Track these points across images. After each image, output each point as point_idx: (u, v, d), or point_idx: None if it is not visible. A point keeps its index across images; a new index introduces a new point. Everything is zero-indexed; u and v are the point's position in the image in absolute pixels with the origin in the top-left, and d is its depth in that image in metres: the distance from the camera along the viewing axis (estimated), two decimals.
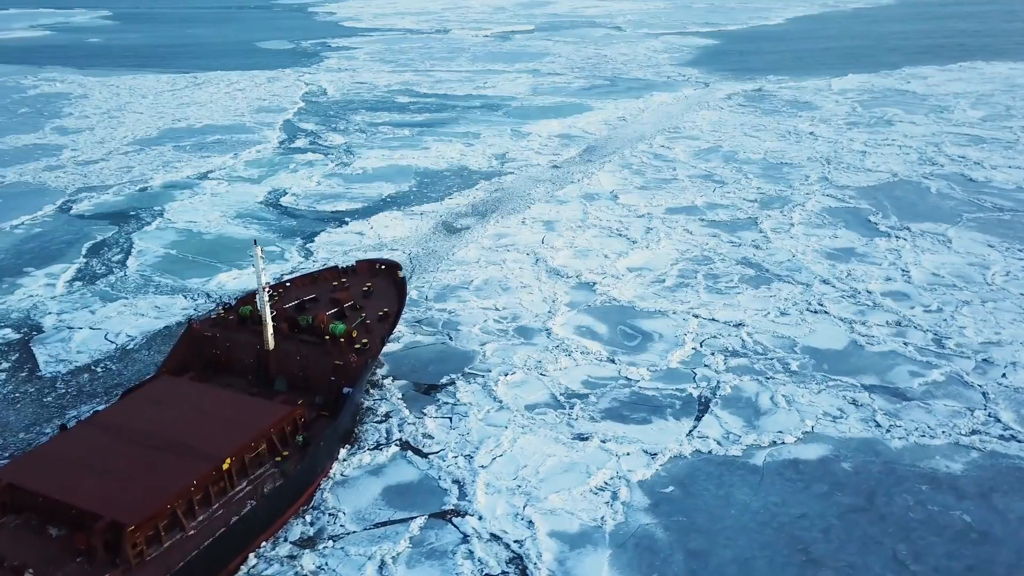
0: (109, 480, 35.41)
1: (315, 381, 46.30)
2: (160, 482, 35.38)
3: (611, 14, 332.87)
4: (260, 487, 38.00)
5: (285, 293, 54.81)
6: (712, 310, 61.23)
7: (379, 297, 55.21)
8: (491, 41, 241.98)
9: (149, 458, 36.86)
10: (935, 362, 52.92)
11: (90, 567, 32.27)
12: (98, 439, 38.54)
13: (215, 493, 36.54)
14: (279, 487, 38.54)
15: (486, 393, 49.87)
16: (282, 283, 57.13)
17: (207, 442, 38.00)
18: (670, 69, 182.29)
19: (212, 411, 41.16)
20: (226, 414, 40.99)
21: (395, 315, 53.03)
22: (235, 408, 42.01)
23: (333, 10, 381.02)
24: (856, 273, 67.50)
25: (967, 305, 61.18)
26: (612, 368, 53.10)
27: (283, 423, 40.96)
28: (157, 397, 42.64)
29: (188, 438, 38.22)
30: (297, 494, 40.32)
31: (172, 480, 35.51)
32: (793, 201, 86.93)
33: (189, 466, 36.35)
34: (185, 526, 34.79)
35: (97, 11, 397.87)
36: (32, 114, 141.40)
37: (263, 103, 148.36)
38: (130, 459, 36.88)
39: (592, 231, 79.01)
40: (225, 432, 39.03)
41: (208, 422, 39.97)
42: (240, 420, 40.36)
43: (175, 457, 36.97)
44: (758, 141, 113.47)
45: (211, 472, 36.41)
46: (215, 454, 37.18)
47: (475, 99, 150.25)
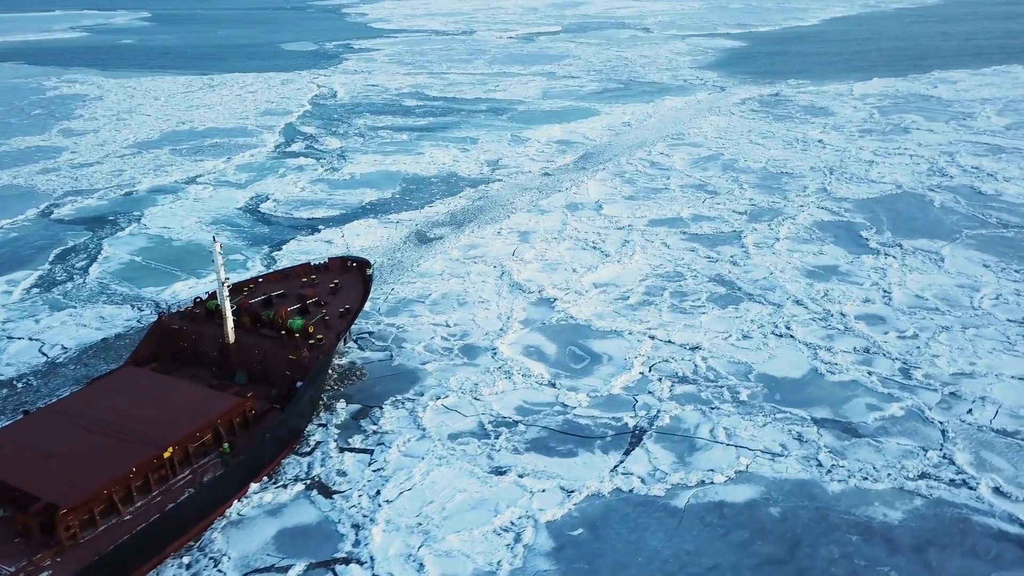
0: (53, 464, 36.83)
1: (272, 374, 47.44)
2: (100, 468, 36.44)
3: (642, 15, 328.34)
4: (201, 476, 38.71)
5: (256, 288, 56.37)
6: (671, 331, 58.10)
7: (345, 294, 56.31)
8: (513, 43, 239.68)
9: (95, 444, 38.34)
10: (897, 395, 49.17)
11: (27, 547, 33.50)
12: (53, 425, 40.23)
13: (155, 480, 37.55)
14: (219, 476, 39.12)
15: (412, 420, 47.54)
16: (255, 278, 58.19)
17: (153, 431, 39.24)
18: (689, 72, 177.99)
19: (165, 401, 42.48)
20: (177, 404, 42.32)
21: (354, 313, 53.60)
22: (187, 399, 43.19)
23: (366, 11, 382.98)
24: (833, 293, 63.68)
25: (945, 331, 57.10)
26: (550, 393, 50.40)
27: (231, 415, 42.08)
28: (117, 386, 44.14)
29: (136, 426, 39.52)
30: (239, 484, 40.84)
31: (112, 466, 36.56)
32: (784, 214, 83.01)
33: (131, 453, 37.49)
34: (121, 511, 35.75)
35: (138, 13, 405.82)
36: (44, 115, 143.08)
37: (271, 106, 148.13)
38: (77, 445, 38.26)
39: (567, 243, 76.22)
40: (172, 421, 40.30)
41: (158, 411, 41.22)
42: (189, 410, 41.69)
43: (120, 444, 38.32)
44: (762, 149, 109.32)
45: (152, 460, 37.46)
46: (158, 442, 38.34)
47: (483, 102, 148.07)
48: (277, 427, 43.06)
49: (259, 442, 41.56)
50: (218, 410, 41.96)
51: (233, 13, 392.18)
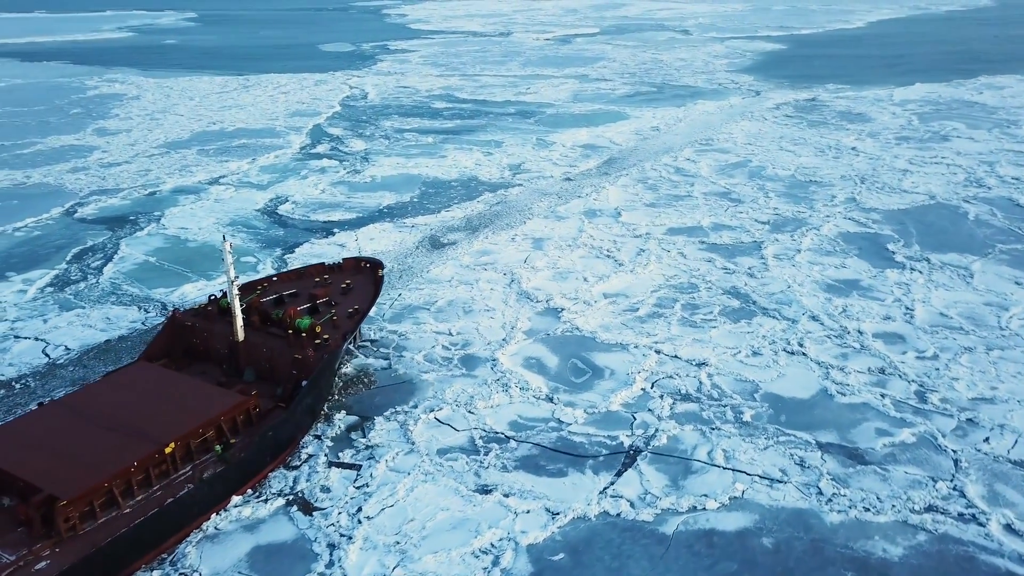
0: (57, 456, 37.70)
1: (279, 373, 47.73)
2: (102, 461, 37.14)
3: (682, 17, 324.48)
4: (201, 472, 39.15)
5: (269, 287, 57.01)
6: (678, 345, 56.30)
7: (355, 295, 56.54)
8: (549, 45, 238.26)
9: (100, 438, 39.13)
10: (910, 419, 46.83)
11: (28, 537, 34.36)
12: (63, 417, 41.12)
13: (156, 475, 38.16)
14: (219, 473, 39.52)
15: (403, 433, 46.53)
16: (268, 277, 58.82)
17: (157, 426, 39.91)
18: (724, 76, 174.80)
19: (170, 397, 43.13)
20: (182, 400, 42.88)
21: (361, 314, 53.69)
22: (192, 395, 43.69)
23: (406, 12, 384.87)
24: (852, 309, 61.23)
25: (968, 352, 54.41)
26: (547, 408, 49.04)
27: (235, 412, 42.48)
28: (127, 381, 45.13)
29: (141, 421, 40.30)
30: (239, 482, 41.20)
31: (114, 460, 37.21)
32: (808, 224, 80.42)
33: (133, 448, 38.16)
34: (121, 505, 36.37)
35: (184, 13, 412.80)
36: (81, 115, 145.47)
37: (301, 106, 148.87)
38: (83, 438, 39.17)
39: (580, 251, 74.72)
40: (176, 417, 40.91)
41: (163, 407, 41.88)
42: (193, 407, 42.16)
43: (123, 438, 39.04)
44: (792, 156, 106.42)
45: (153, 455, 38.07)
46: (160, 438, 38.95)
47: (511, 105, 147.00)
48: (279, 425, 43.40)
49: (260, 440, 41.96)
50: (221, 407, 42.39)
51: (277, 14, 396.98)
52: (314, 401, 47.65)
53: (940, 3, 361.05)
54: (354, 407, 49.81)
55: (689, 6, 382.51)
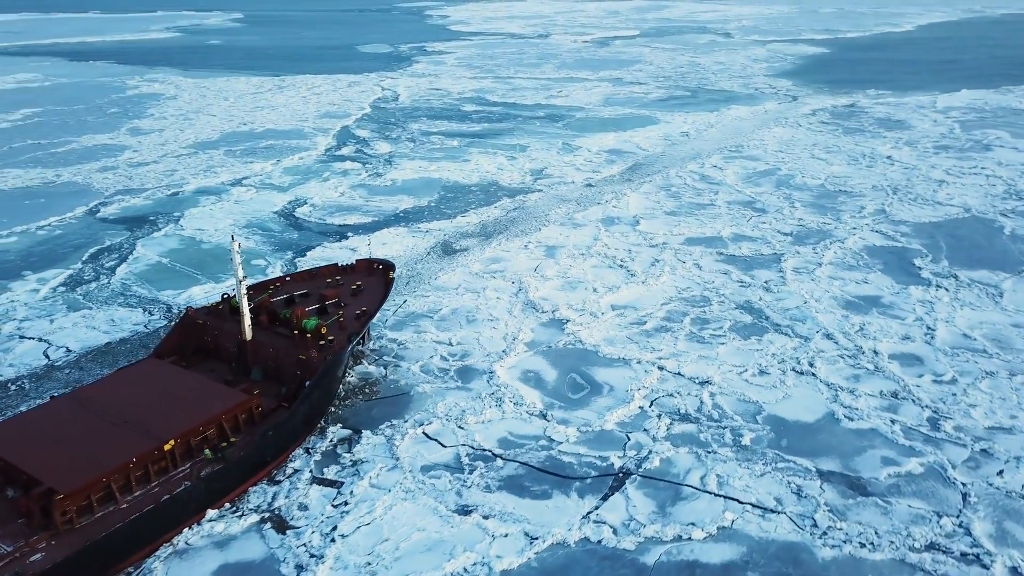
0: (60, 450, 38.38)
1: (284, 373, 47.99)
2: (101, 456, 37.71)
3: (726, 19, 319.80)
4: (199, 470, 39.36)
5: (282, 287, 57.54)
6: (682, 362, 54.40)
7: (365, 296, 56.69)
8: (586, 47, 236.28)
9: (103, 433, 39.76)
10: (919, 448, 44.37)
11: (27, 528, 35.06)
12: (71, 411, 41.90)
13: (155, 472, 38.56)
14: (217, 471, 39.71)
15: (388, 448, 45.47)
16: (282, 277, 59.45)
17: (159, 423, 40.44)
18: (762, 80, 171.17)
19: (175, 394, 43.68)
20: (186, 398, 43.34)
21: (368, 316, 53.64)
22: (196, 393, 44.09)
23: (448, 13, 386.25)
24: (869, 328, 58.63)
25: (989, 378, 51.57)
26: (539, 425, 47.61)
27: (237, 411, 42.78)
28: (136, 377, 45.87)
29: (144, 417, 40.88)
30: (238, 480, 41.41)
31: (113, 455, 37.74)
32: (833, 236, 77.63)
33: (133, 443, 38.68)
34: (119, 500, 36.84)
35: (231, 14, 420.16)
36: (118, 114, 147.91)
37: (332, 108, 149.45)
38: (87, 432, 39.78)
39: (593, 260, 73.09)
40: (178, 415, 41.35)
41: (167, 404, 42.43)
42: (195, 405, 42.55)
43: (125, 434, 39.60)
44: (823, 164, 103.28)
45: (152, 451, 38.52)
46: (161, 435, 39.41)
47: (541, 108, 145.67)
48: (280, 425, 43.37)
49: (260, 439, 42.03)
50: (223, 406, 42.63)
51: (320, 15, 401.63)
52: (318, 402, 47.70)
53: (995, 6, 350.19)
54: (349, 419, 48.86)
55: (734, 8, 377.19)
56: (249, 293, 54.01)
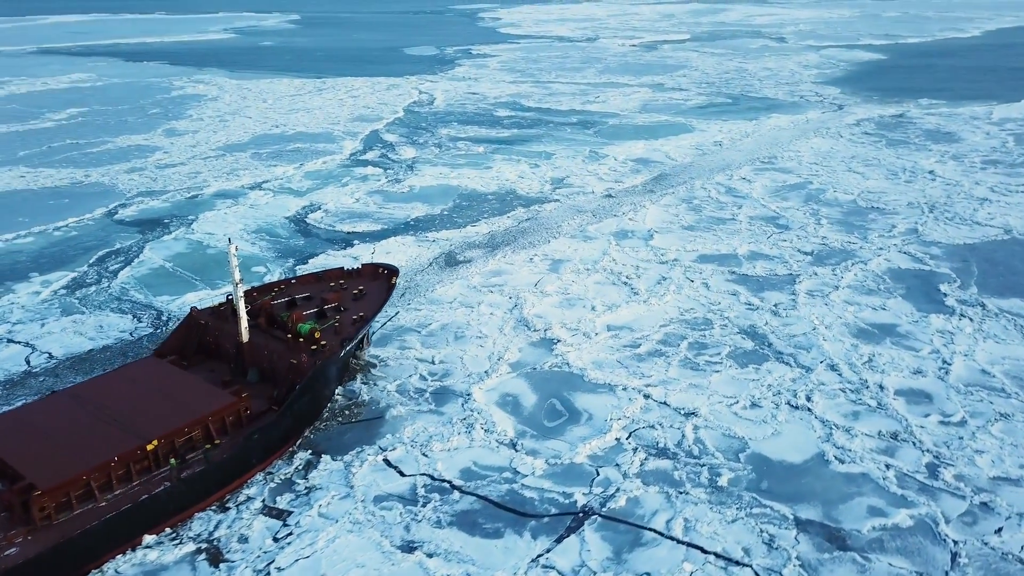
0: (46, 446, 38.88)
1: (278, 376, 47.95)
2: (84, 453, 38.09)
3: (782, 23, 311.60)
4: (180, 471, 39.38)
5: (286, 289, 57.88)
6: (670, 390, 51.44)
7: (365, 302, 56.77)
8: (632, 51, 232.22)
9: (90, 430, 40.20)
10: (912, 498, 40.71)
11: (8, 522, 35.64)
12: (65, 407, 42.53)
13: (137, 471, 38.75)
14: (198, 474, 39.90)
15: (345, 475, 43.66)
16: (287, 279, 60.18)
17: (145, 422, 40.70)
18: (809, 87, 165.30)
19: (165, 394, 43.89)
20: (175, 398, 43.50)
21: (363, 321, 53.28)
22: (187, 393, 44.19)
23: (500, 16, 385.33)
24: (879, 360, 54.69)
25: (1003, 420, 47.38)
26: (506, 455, 45.28)
27: (224, 413, 42.82)
28: (133, 375, 46.54)
29: (132, 416, 41.20)
30: (219, 483, 41.48)
31: (95, 453, 38.02)
32: (856, 257, 73.34)
33: (117, 442, 38.97)
34: (98, 498, 37.11)
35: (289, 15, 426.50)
36: (158, 115, 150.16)
37: (366, 111, 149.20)
38: (75, 429, 40.26)
39: (597, 276, 70.38)
40: (165, 415, 41.56)
41: (156, 403, 42.69)
42: (183, 405, 42.74)
43: (110, 432, 39.95)
44: (859, 179, 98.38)
45: (135, 450, 38.70)
46: (146, 434, 39.63)
47: (575, 114, 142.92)
48: (266, 429, 43.40)
49: (244, 442, 41.95)
50: (211, 407, 42.59)
51: (375, 16, 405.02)
52: (308, 406, 47.57)
53: None
54: (320, 443, 47.00)
55: (793, 11, 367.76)
56: (253, 295, 55.79)
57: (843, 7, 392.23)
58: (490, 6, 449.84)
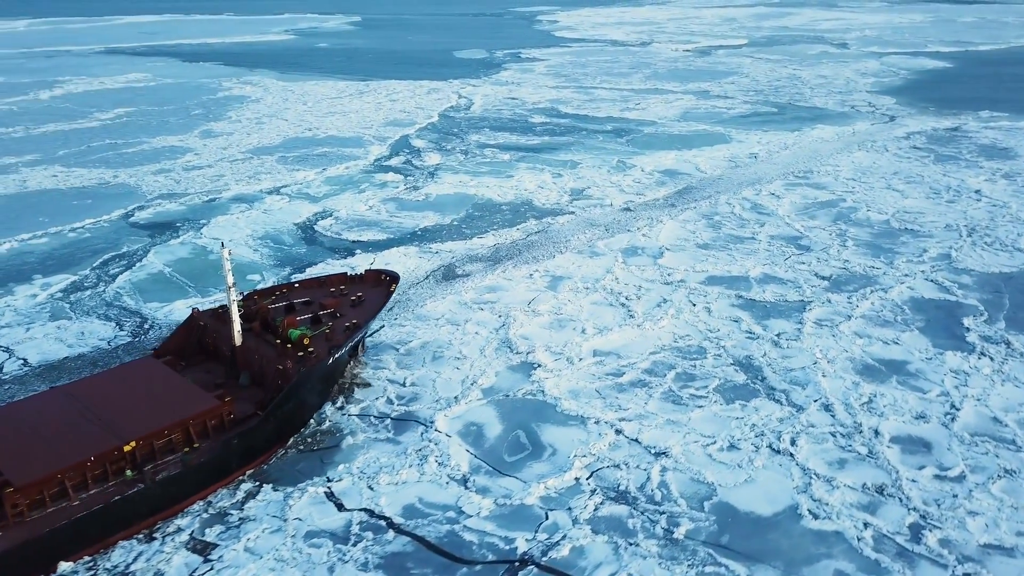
0: (29, 442, 39.10)
1: (267, 381, 47.60)
2: (62, 451, 38.28)
3: (847, 28, 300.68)
4: (155, 473, 39.30)
5: (287, 293, 57.83)
6: (644, 426, 48.15)
7: (361, 309, 55.78)
8: (684, 57, 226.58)
9: (73, 428, 40.27)
10: (887, 565, 36.73)
11: None
12: (56, 404, 42.82)
13: (113, 472, 38.76)
14: (173, 477, 39.78)
15: (281, 507, 41.71)
16: (290, 284, 60.34)
17: (127, 422, 40.75)
18: (862, 97, 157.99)
19: (151, 395, 43.83)
20: (160, 400, 43.32)
21: (354, 329, 52.41)
22: (173, 396, 43.97)
23: (558, 19, 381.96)
24: (880, 401, 50.30)
25: (1007, 477, 42.76)
26: (454, 492, 42.77)
27: (206, 417, 42.61)
28: (126, 375, 47.03)
29: (116, 416, 41.27)
30: (195, 487, 41.38)
31: (72, 452, 38.14)
32: (877, 284, 68.44)
33: (95, 441, 39.04)
34: (71, 496, 37.21)
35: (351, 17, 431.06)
36: (199, 116, 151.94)
37: (402, 116, 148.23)
38: (60, 426, 40.42)
39: (595, 295, 67.23)
40: (147, 416, 41.45)
41: (141, 404, 42.59)
42: (166, 407, 42.53)
43: (91, 431, 40.03)
44: (897, 197, 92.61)
45: (112, 451, 38.74)
46: (123, 434, 39.68)
47: (611, 122, 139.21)
48: (246, 434, 43.57)
49: (223, 447, 41.84)
50: (193, 411, 42.45)
51: (434, 19, 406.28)
52: (292, 412, 47.24)
53: None
54: (270, 472, 45.19)
55: (861, 16, 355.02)
56: (255, 298, 55.87)
57: (916, 12, 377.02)
58: (550, 9, 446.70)
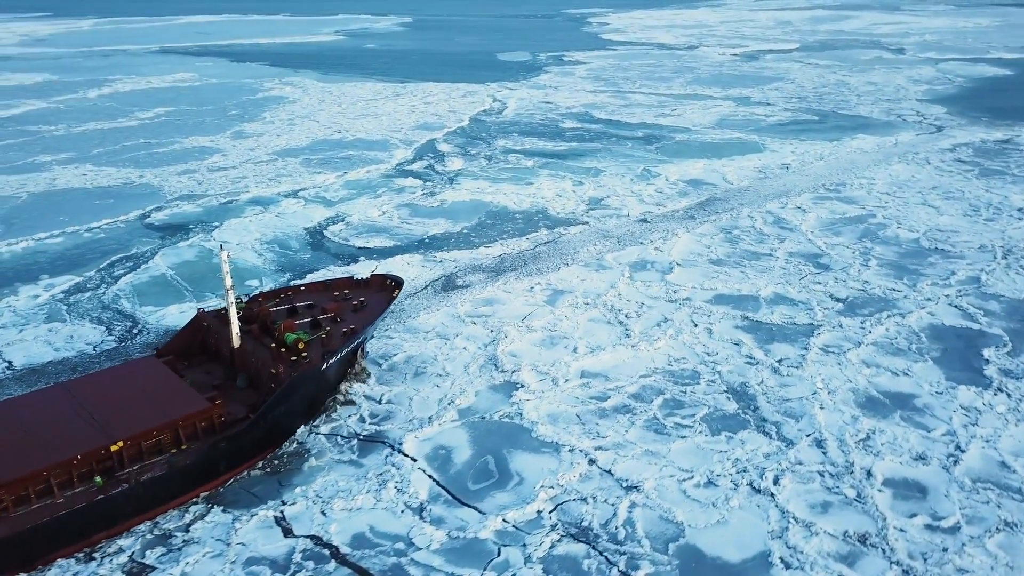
0: (20, 438, 39.45)
1: (262, 384, 47.70)
2: (50, 449, 38.51)
3: (907, 32, 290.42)
4: (140, 473, 39.51)
5: (292, 296, 57.71)
6: (620, 456, 45.62)
7: (362, 314, 55.07)
8: (730, 61, 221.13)
9: (65, 426, 40.75)
10: None
11: None
12: (55, 400, 43.32)
13: (99, 471, 38.90)
14: (157, 478, 39.95)
15: (227, 530, 40.37)
16: (297, 286, 59.76)
17: (117, 421, 40.91)
18: (911, 105, 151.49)
19: (144, 395, 43.92)
20: (152, 400, 43.36)
21: (349, 335, 51.73)
22: (165, 396, 43.95)
23: (608, 20, 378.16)
24: (878, 439, 46.81)
25: (1006, 531, 39.08)
26: (408, 522, 40.93)
27: (196, 418, 42.60)
28: (125, 373, 47.51)
29: (108, 415, 41.48)
30: (180, 489, 41.50)
31: (60, 450, 38.42)
32: (896, 308, 64.40)
33: (82, 440, 39.30)
34: (56, 494, 37.44)
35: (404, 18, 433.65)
36: (235, 117, 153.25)
37: (433, 119, 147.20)
38: (52, 423, 40.92)
39: (594, 312, 64.72)
40: (137, 416, 41.56)
41: (134, 404, 42.70)
42: (157, 408, 42.57)
43: (81, 429, 40.27)
44: (931, 214, 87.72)
45: (99, 450, 38.91)
46: (113, 434, 39.86)
47: (643, 128, 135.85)
48: (234, 437, 43.28)
49: (209, 450, 41.64)
50: (182, 412, 42.39)
51: (484, 20, 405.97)
52: (283, 417, 46.74)
53: None
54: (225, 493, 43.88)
55: (923, 20, 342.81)
56: (259, 299, 55.99)
57: (983, 15, 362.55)
58: (602, 10, 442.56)
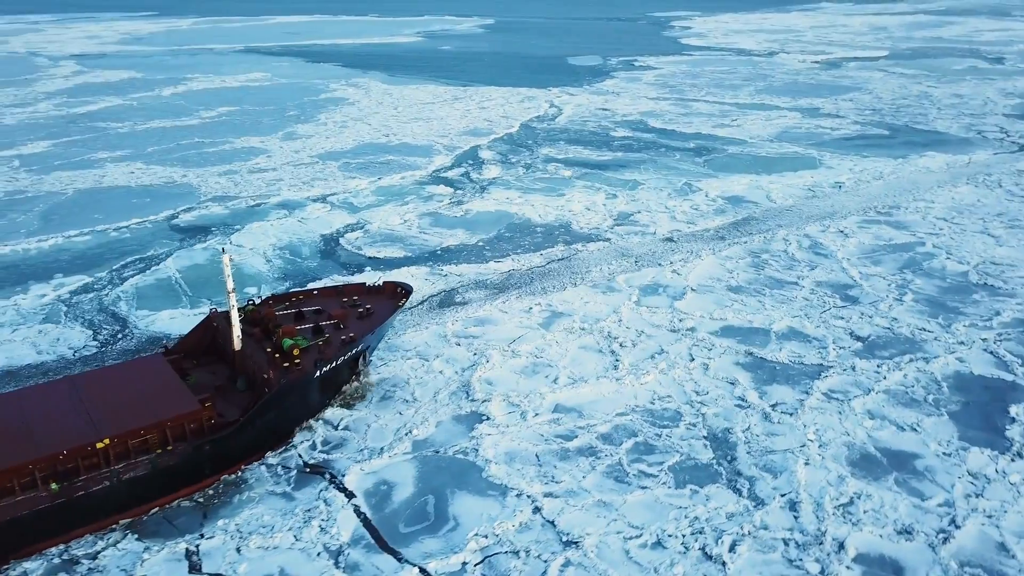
0: (14, 430, 39.92)
1: (257, 388, 47.53)
2: (37, 443, 39.04)
3: (1011, 40, 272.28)
4: (123, 472, 39.72)
5: (303, 300, 57.38)
6: (569, 505, 42.01)
7: (366, 322, 54.52)
8: (809, 69, 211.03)
9: (60, 420, 41.10)
10: None
11: None
12: (58, 393, 43.93)
13: (84, 467, 39.18)
14: (139, 478, 40.29)
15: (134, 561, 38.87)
16: (309, 291, 59.31)
17: (108, 419, 41.18)
18: (995, 121, 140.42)
19: (140, 394, 44.04)
20: (146, 399, 43.47)
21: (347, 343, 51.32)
22: (160, 396, 44.03)
23: (691, 24, 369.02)
24: (863, 505, 41.65)
25: None
26: (321, 566, 38.56)
27: (184, 419, 42.58)
28: (127, 371, 48.01)
29: (102, 412, 41.76)
30: (162, 490, 41.78)
31: (47, 444, 38.92)
32: (922, 351, 58.17)
33: (71, 435, 39.62)
34: (40, 488, 37.88)
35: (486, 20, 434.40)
36: (292, 118, 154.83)
37: (484, 124, 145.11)
38: (48, 417, 41.31)
39: (588, 338, 60.95)
40: (128, 414, 41.76)
41: (129, 402, 42.94)
42: (147, 407, 42.70)
43: (71, 425, 40.64)
44: (989, 243, 79.91)
45: (85, 447, 39.19)
46: (99, 431, 40.12)
47: (696, 139, 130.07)
48: (219, 441, 43.19)
49: (193, 452, 42.08)
50: (172, 413, 42.42)
51: (565, 23, 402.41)
52: (271, 424, 46.66)
53: None
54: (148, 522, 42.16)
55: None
56: (269, 302, 56.10)
57: None
58: (688, 14, 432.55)
